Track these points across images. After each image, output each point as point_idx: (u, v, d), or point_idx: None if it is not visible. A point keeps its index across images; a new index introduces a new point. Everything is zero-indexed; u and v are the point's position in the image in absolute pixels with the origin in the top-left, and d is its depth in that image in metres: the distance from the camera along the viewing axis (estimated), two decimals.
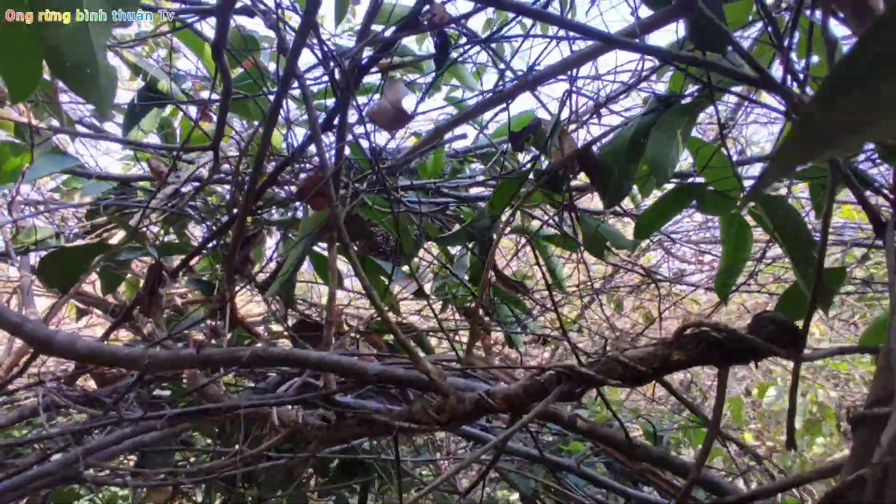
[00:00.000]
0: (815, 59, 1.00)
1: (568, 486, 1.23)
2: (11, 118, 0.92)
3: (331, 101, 1.22)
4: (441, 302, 1.78)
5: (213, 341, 1.17)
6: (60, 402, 0.96)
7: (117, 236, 1.31)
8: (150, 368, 0.84)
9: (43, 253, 1.51)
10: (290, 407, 0.93)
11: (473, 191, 1.47)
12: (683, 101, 1.02)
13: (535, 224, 1.66)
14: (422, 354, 1.09)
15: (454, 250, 1.60)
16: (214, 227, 1.30)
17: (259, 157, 0.86)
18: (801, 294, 0.97)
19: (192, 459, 1.60)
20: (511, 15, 1.37)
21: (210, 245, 1.29)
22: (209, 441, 1.66)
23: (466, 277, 1.45)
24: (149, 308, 1.17)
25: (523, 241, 1.60)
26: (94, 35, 0.60)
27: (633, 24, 0.92)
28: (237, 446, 0.98)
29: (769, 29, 0.78)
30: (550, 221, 1.42)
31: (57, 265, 0.91)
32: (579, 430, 0.86)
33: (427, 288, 1.95)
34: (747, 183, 1.26)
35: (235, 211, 1.04)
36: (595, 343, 2.46)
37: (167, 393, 1.58)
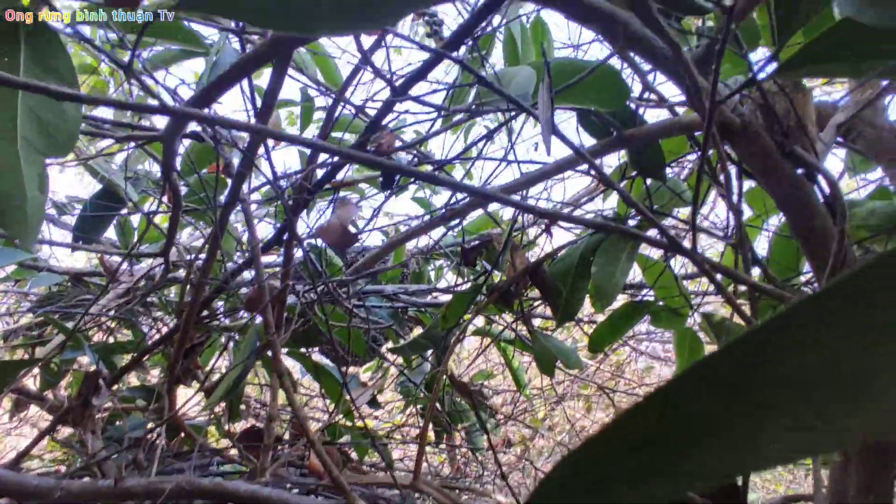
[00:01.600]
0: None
1: None
2: None
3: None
4: (403, 399, 1.72)
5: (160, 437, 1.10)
6: None
7: (54, 340, 1.26)
8: (62, 500, 0.78)
9: None
10: None
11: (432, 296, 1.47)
12: (629, 223, 1.05)
13: (498, 327, 1.66)
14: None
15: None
16: (162, 332, 1.26)
17: (203, 273, 0.85)
18: None
19: None
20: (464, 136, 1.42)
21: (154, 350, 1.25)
22: None
23: (424, 383, 1.41)
24: (80, 419, 1.11)
25: (485, 345, 1.58)
26: (25, 168, 0.60)
27: (570, 155, 0.96)
28: None
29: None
30: (509, 328, 1.41)
31: None
32: None
33: (391, 385, 1.90)
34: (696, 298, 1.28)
35: (177, 322, 1.01)
36: (560, 445, 2.39)
37: None
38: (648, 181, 1.01)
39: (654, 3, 0.42)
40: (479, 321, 1.76)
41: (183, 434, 1.40)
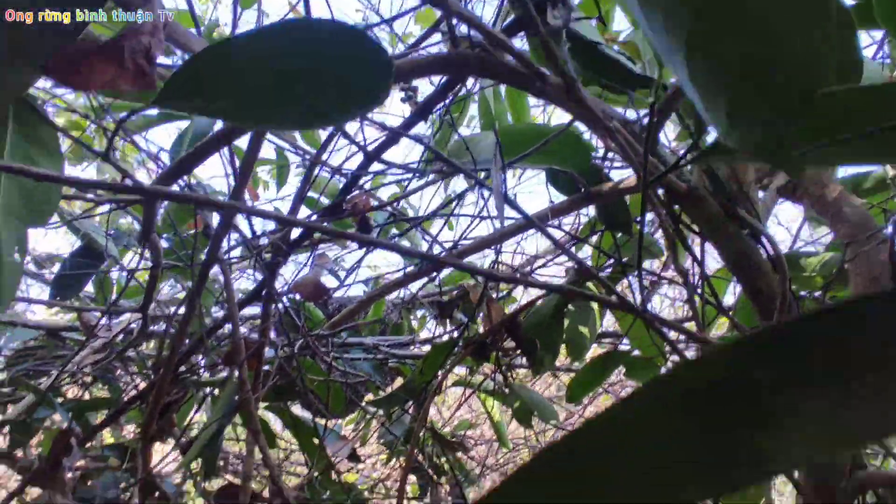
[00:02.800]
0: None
1: None
2: None
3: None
4: (387, 452, 1.70)
5: None
6: None
7: (26, 399, 1.24)
8: None
9: None
10: None
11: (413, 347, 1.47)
12: (601, 274, 1.08)
13: (479, 377, 1.66)
14: None
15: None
16: (140, 386, 1.25)
17: (180, 331, 0.86)
18: None
19: None
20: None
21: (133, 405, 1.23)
22: None
23: (404, 435, 1.40)
24: (50, 481, 1.08)
25: (466, 396, 1.58)
26: (3, 233, 0.61)
27: (545, 208, 1.00)
28: None
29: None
30: (490, 378, 1.41)
31: None
32: None
33: (374, 433, 1.87)
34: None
35: (153, 378, 1.01)
36: None
37: None
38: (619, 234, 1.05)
39: (573, 78, 0.46)
40: (462, 370, 1.76)
41: (157, 494, 1.36)
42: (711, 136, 0.42)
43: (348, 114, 0.29)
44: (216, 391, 1.36)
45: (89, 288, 1.53)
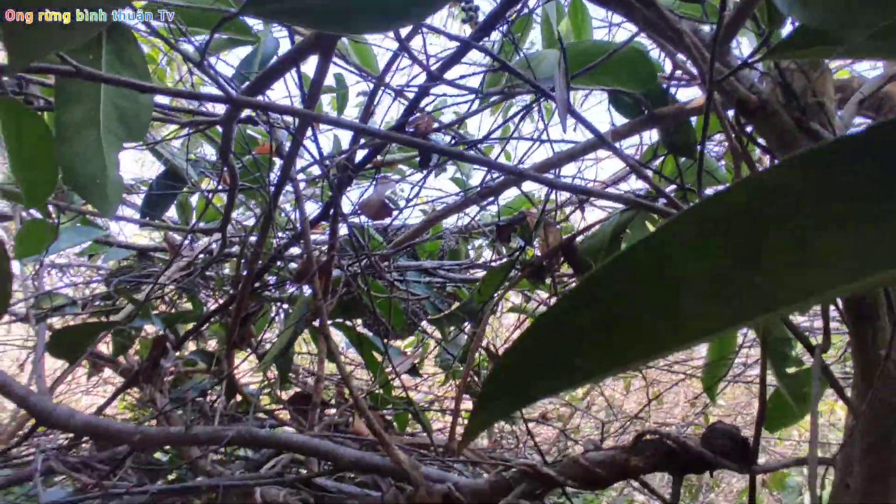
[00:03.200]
0: None
1: None
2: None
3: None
4: (444, 372, 1.80)
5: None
6: (56, 469, 1.00)
7: (125, 310, 1.39)
8: (140, 445, 0.89)
9: (56, 320, 1.60)
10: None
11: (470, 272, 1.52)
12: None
13: (533, 304, 1.70)
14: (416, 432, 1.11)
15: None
16: (220, 301, 1.36)
17: (257, 246, 0.93)
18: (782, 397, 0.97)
19: None
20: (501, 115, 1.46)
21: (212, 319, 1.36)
22: None
23: (460, 354, 1.48)
24: (151, 378, 1.23)
25: (521, 321, 1.63)
26: (106, 152, 0.68)
27: (608, 130, 0.98)
28: None
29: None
30: (544, 304, 1.45)
31: (65, 341, 0.98)
32: None
33: (431, 357, 1.98)
34: None
35: (234, 293, 1.11)
36: (597, 425, 2.42)
37: (166, 458, 1.61)
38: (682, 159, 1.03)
39: None
40: (517, 298, 1.81)
41: (239, 397, 1.51)
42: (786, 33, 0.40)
43: (427, 7, 0.31)
44: (288, 308, 1.47)
45: (172, 212, 1.65)
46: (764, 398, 0.64)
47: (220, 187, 1.00)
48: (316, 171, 1.13)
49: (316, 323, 1.26)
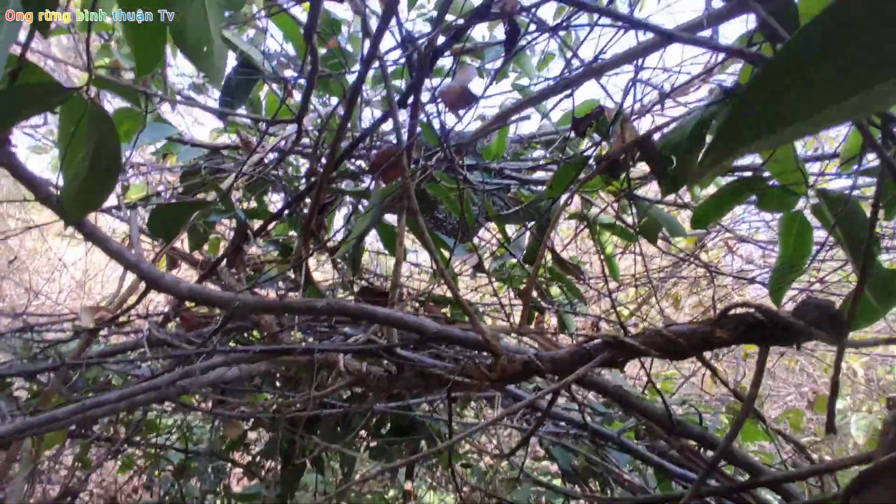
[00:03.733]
0: None
1: (610, 462, 1.28)
2: (130, 87, 1.06)
3: (404, 84, 1.30)
4: (498, 283, 1.84)
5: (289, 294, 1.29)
6: (160, 337, 1.11)
7: (209, 197, 1.46)
8: (239, 310, 0.96)
9: (142, 209, 1.69)
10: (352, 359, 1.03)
11: (535, 174, 1.52)
12: None
13: (594, 211, 1.69)
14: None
15: (512, 231, 1.66)
16: (292, 196, 1.41)
17: (340, 129, 0.95)
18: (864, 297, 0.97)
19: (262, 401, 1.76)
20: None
21: (286, 212, 1.42)
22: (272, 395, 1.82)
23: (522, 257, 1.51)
24: (234, 262, 1.31)
25: (581, 227, 1.64)
26: (210, 20, 0.70)
27: (700, 15, 0.94)
28: (307, 392, 1.09)
29: None
30: (609, 210, 1.45)
31: (163, 218, 1.04)
32: (621, 400, 0.91)
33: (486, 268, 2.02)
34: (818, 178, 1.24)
35: (314, 179, 1.15)
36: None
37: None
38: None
39: None
40: (573, 207, 1.80)
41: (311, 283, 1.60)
42: None
43: None
44: (360, 205, 1.52)
45: (243, 112, 1.68)
46: (864, 273, 0.64)
47: (298, 75, 1.01)
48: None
49: (389, 216, 1.30)
